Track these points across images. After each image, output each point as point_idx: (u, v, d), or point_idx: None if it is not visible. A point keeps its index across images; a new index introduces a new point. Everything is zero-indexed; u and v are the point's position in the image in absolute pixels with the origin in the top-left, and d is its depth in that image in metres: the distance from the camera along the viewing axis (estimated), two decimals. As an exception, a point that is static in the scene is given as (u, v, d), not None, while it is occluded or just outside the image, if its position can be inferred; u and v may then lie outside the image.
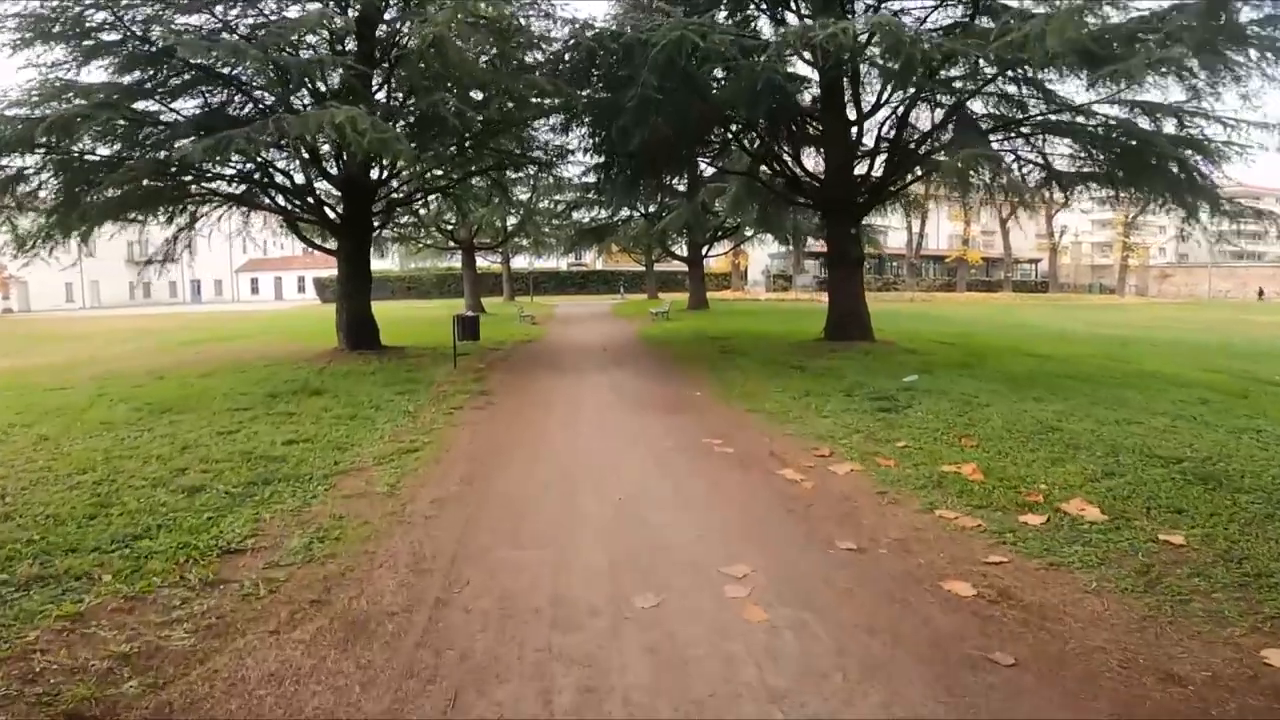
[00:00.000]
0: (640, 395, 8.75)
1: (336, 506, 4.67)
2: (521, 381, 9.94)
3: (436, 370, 10.78)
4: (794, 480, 5.18)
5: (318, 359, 12.28)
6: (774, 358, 11.73)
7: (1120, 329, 23.53)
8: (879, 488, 4.98)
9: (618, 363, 12.08)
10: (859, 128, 13.85)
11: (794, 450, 5.98)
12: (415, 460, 5.73)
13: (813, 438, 6.36)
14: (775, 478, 5.26)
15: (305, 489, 5.02)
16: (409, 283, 53.86)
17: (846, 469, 5.39)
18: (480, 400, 8.45)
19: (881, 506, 4.63)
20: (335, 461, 5.69)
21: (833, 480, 5.18)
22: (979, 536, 4.09)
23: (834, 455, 5.79)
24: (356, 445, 6.23)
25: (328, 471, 5.42)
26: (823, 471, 5.38)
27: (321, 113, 8.54)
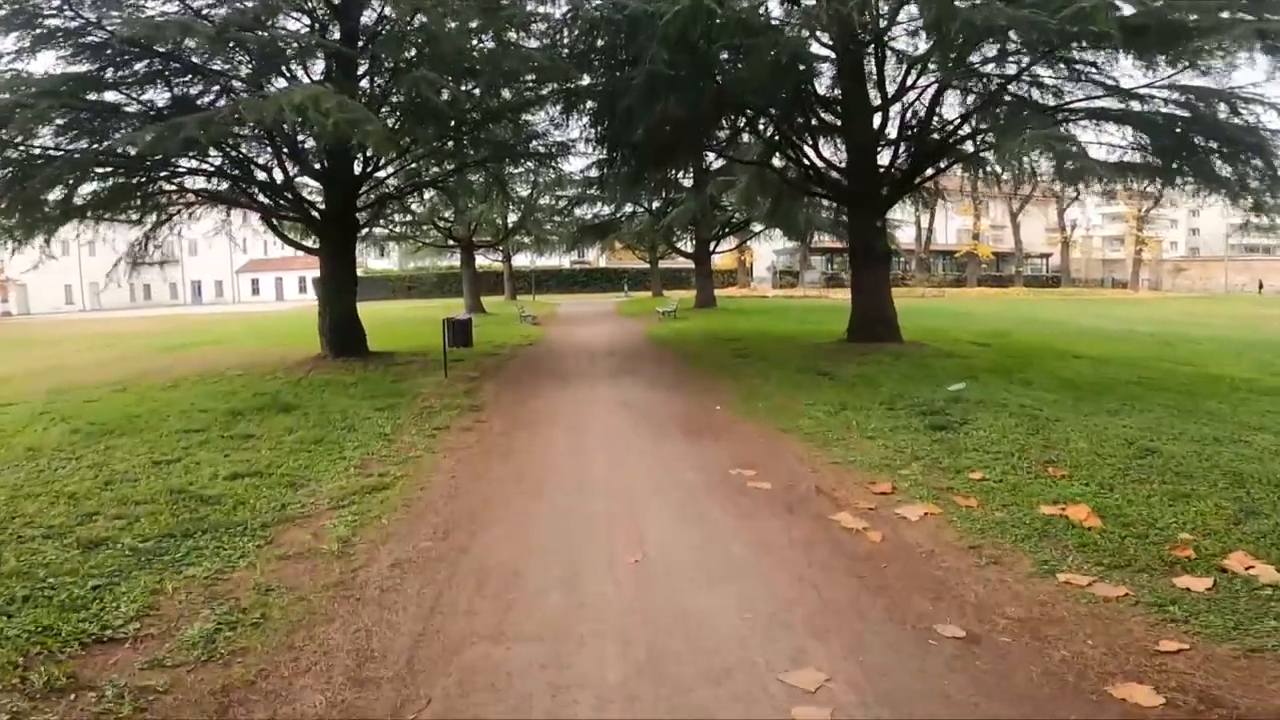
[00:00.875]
0: (653, 411, 7.66)
1: (266, 572, 3.61)
2: (518, 395, 8.86)
3: (425, 380, 9.72)
4: (855, 529, 4.10)
5: (297, 367, 11.23)
6: (797, 363, 10.64)
7: (1151, 325, 22.38)
8: (968, 539, 3.90)
9: (625, 369, 10.99)
10: (884, 114, 12.75)
11: (845, 485, 4.89)
12: (381, 502, 4.66)
13: (864, 467, 5.27)
14: (830, 526, 4.18)
15: (233, 545, 3.96)
16: (409, 282, 52.93)
17: (919, 512, 4.31)
18: (470, 419, 7.38)
19: (981, 568, 3.55)
20: (282, 504, 4.63)
21: (905, 529, 4.10)
22: (1133, 612, 3.04)
23: (897, 492, 4.71)
24: (314, 480, 5.17)
25: (269, 519, 4.36)
26: (889, 516, 4.30)
27: (280, 94, 7.48)
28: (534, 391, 9.05)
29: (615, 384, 9.51)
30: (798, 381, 9.05)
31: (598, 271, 55.39)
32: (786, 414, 7.20)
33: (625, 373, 10.58)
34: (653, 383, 9.50)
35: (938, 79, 12.14)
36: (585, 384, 9.59)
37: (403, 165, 14.61)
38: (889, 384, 8.58)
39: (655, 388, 9.11)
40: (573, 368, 11.25)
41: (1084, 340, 15.80)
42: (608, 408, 7.90)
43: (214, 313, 41.94)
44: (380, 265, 57.01)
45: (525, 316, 21.61)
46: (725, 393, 8.65)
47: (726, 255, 47.86)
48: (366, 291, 50.80)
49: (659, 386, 9.19)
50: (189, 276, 69.71)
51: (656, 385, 9.29)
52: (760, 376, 9.57)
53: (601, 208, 29.76)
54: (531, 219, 30.56)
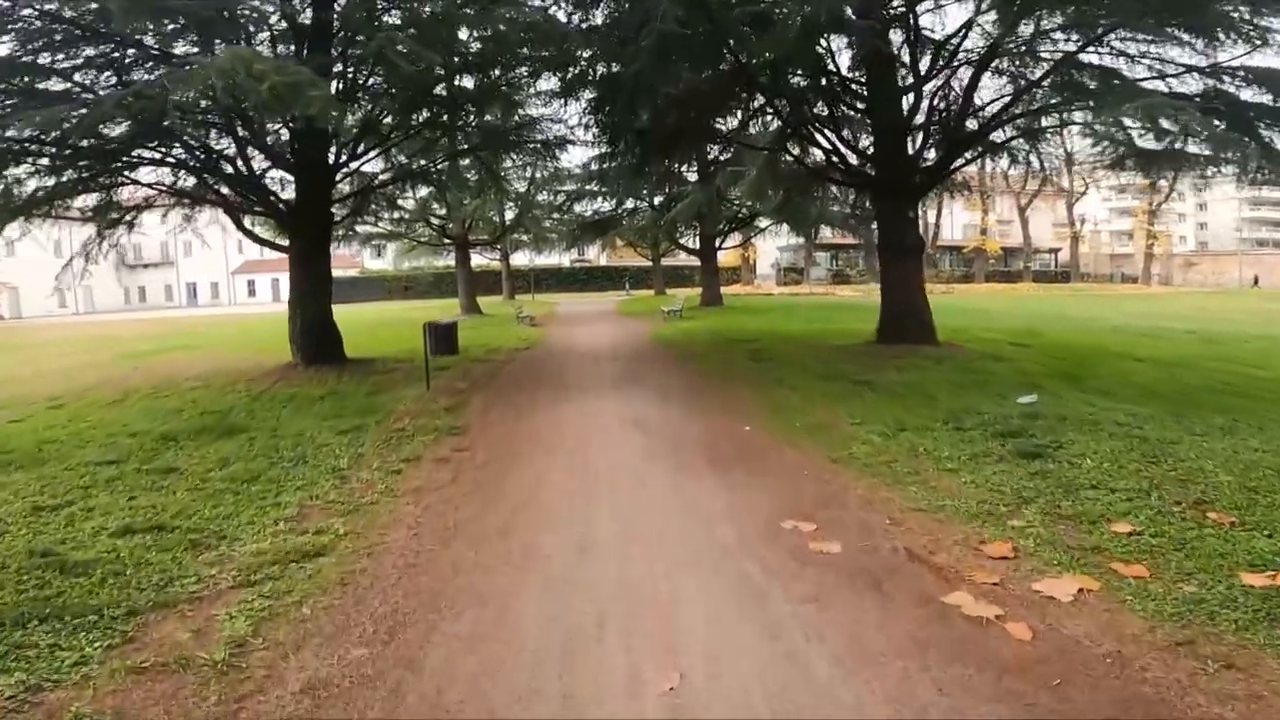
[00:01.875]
0: (670, 433, 6.38)
1: (100, 697, 2.37)
2: (509, 412, 7.58)
3: (403, 394, 8.45)
4: (986, 620, 2.84)
5: (264, 377, 9.97)
6: (826, 369, 9.38)
7: (1181, 321, 21.12)
8: (1165, 630, 2.65)
9: (634, 377, 9.72)
10: (916, 95, 11.48)
11: (944, 544, 3.62)
12: (310, 577, 3.40)
13: (960, 516, 3.99)
14: (947, 614, 2.91)
15: (75, 642, 2.72)
16: (406, 282, 51.64)
17: (1069, 588, 3.05)
18: (448, 445, 6.10)
19: (1212, 678, 2.30)
20: (171, 577, 3.38)
21: (1060, 616, 2.84)
22: None
23: (1021, 555, 3.44)
24: (229, 537, 3.91)
25: (144, 600, 3.11)
26: (1026, 595, 3.03)
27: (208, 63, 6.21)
28: (528, 407, 7.77)
29: (622, 396, 8.23)
30: (834, 392, 7.78)
31: (598, 270, 54.06)
32: (832, 436, 5.93)
33: (632, 381, 9.31)
34: (665, 394, 8.23)
35: (978, 54, 10.88)
36: (588, 396, 8.31)
37: (386, 155, 13.35)
38: (944, 395, 7.31)
39: (668, 401, 7.83)
40: (573, 376, 9.98)
41: (1123, 339, 14.55)
42: (615, 428, 6.62)
43: (206, 315, 40.64)
44: (377, 265, 55.79)
45: (523, 317, 20.32)
46: (751, 406, 7.38)
47: (730, 252, 46.57)
48: (363, 292, 49.96)
49: (673, 399, 7.92)
50: (184, 278, 68.73)
51: (670, 398, 8.02)
52: (787, 386, 8.30)
53: (602, 203, 28.50)
54: (530, 216, 29.29)
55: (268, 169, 11.45)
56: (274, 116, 7.84)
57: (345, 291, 50.08)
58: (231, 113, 9.09)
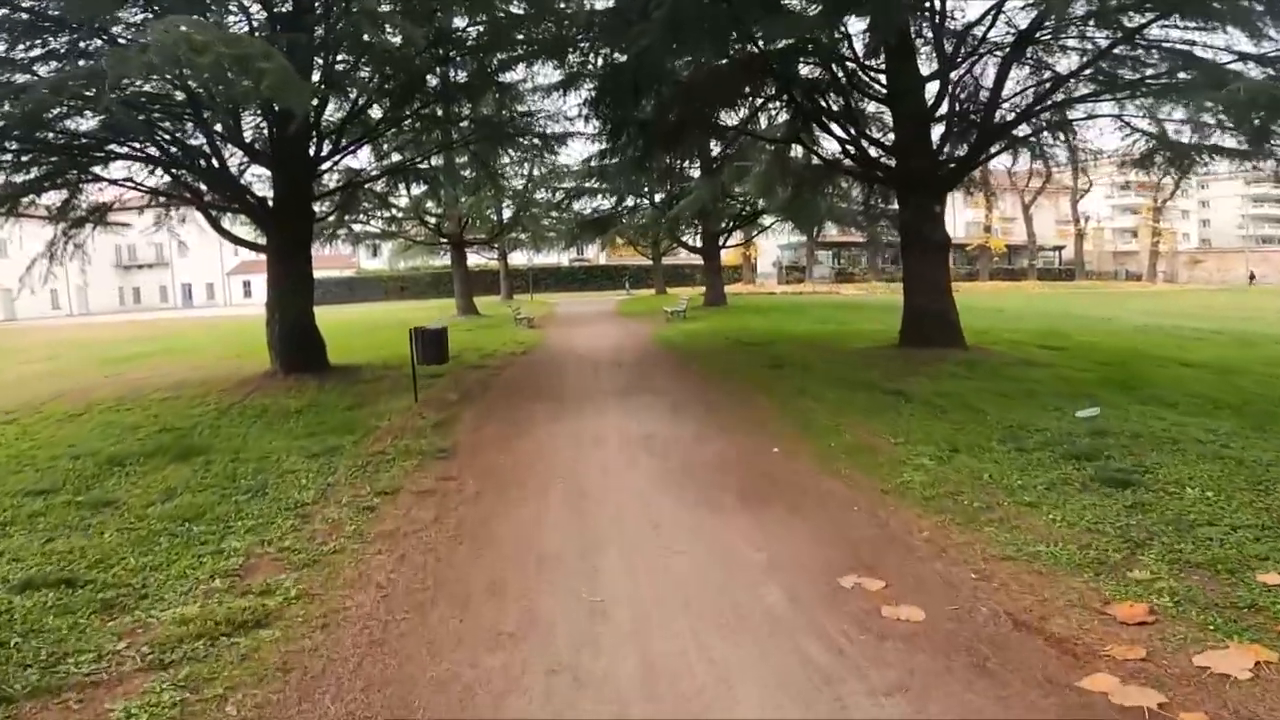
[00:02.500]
0: (687, 456, 5.61)
1: None
2: (503, 429, 6.78)
3: (388, 407, 7.68)
4: (1147, 713, 2.08)
5: (238, 387, 9.20)
6: (850, 376, 8.62)
7: (1201, 320, 20.36)
8: None
9: (639, 385, 8.94)
10: (942, 83, 10.71)
11: (1056, 606, 2.84)
12: (242, 659, 2.63)
13: (1064, 566, 3.21)
14: (1091, 706, 2.15)
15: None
16: (402, 283, 50.78)
17: (1242, 661, 2.29)
18: (433, 473, 5.33)
19: None
20: (65, 651, 2.62)
21: (1247, 701, 2.09)
22: None
23: (1163, 618, 2.67)
24: (151, 597, 3.14)
25: (20, 687, 2.36)
26: (1188, 672, 2.27)
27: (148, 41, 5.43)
28: (525, 423, 6.99)
29: (628, 409, 7.45)
30: (865, 404, 7.02)
31: (597, 269, 53.29)
32: (877, 460, 5.16)
33: (639, 390, 8.53)
34: (676, 406, 7.45)
35: (1008, 42, 10.14)
36: (590, 409, 7.53)
37: (376, 149, 12.58)
38: (990, 408, 6.55)
39: (681, 415, 7.06)
40: (574, 385, 9.20)
41: (1156, 341, 13.80)
42: (622, 449, 5.85)
43: (199, 317, 39.79)
44: (374, 265, 54.99)
45: (520, 319, 19.53)
46: (775, 422, 6.62)
47: (731, 251, 45.76)
48: (359, 293, 49.16)
49: (685, 413, 7.14)
50: (179, 279, 68.05)
51: (682, 411, 7.24)
52: (811, 397, 7.53)
53: (601, 201, 27.74)
54: (528, 215, 28.51)
55: (246, 165, 10.69)
56: (230, 98, 7.03)
57: (341, 292, 49.62)
58: (193, 99, 8.33)
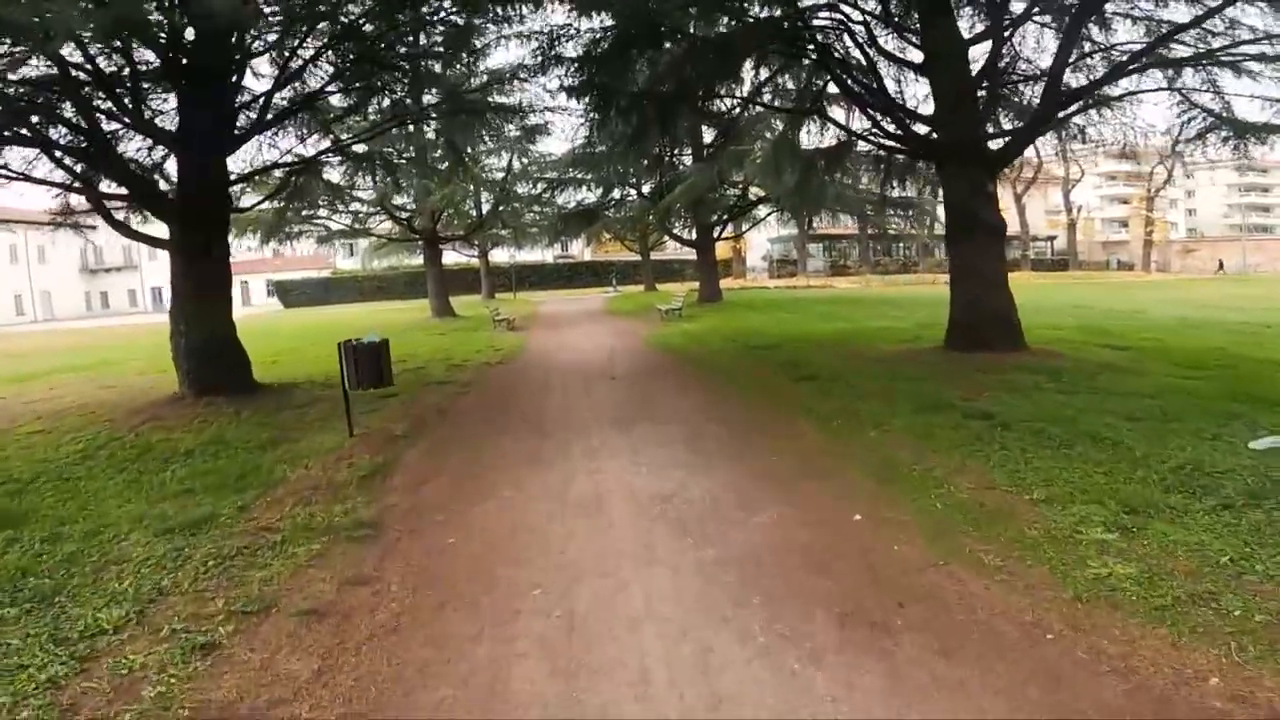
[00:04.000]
0: (736, 538, 3.73)
1: None
2: (459, 485, 4.87)
3: (312, 445, 5.78)
4: None
5: (131, 416, 7.25)
6: (910, 391, 6.82)
7: (1237, 312, 18.81)
8: None
9: (642, 409, 7.08)
10: (996, 41, 8.99)
11: None
12: None
13: None
14: None
15: None
16: (380, 283, 48.51)
17: None
18: (339, 569, 3.43)
19: None
20: None
21: None
22: None
23: None
24: None
25: None
26: None
27: None
28: (488, 473, 5.10)
29: (632, 446, 5.59)
30: (948, 433, 5.22)
31: (583, 265, 51.27)
32: (1022, 531, 3.36)
33: (642, 415, 6.66)
34: (695, 441, 5.61)
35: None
36: (579, 447, 5.66)
37: (316, 124, 10.57)
38: (1129, 438, 4.77)
39: (705, 455, 5.21)
40: (558, 408, 7.31)
41: (1222, 336, 12.14)
42: (632, 524, 3.98)
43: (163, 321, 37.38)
44: (350, 265, 52.71)
45: (499, 320, 17.54)
46: (837, 464, 4.79)
47: (720, 245, 44.03)
48: (335, 294, 46.95)
49: (710, 452, 5.29)
50: (149, 282, 65.60)
51: (704, 448, 5.40)
52: (871, 422, 5.72)
53: (586, 193, 25.80)
54: (508, 209, 26.53)
55: (151, 146, 8.71)
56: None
57: (316, 294, 47.41)
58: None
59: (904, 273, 49.70)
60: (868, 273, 49.39)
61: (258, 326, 24.80)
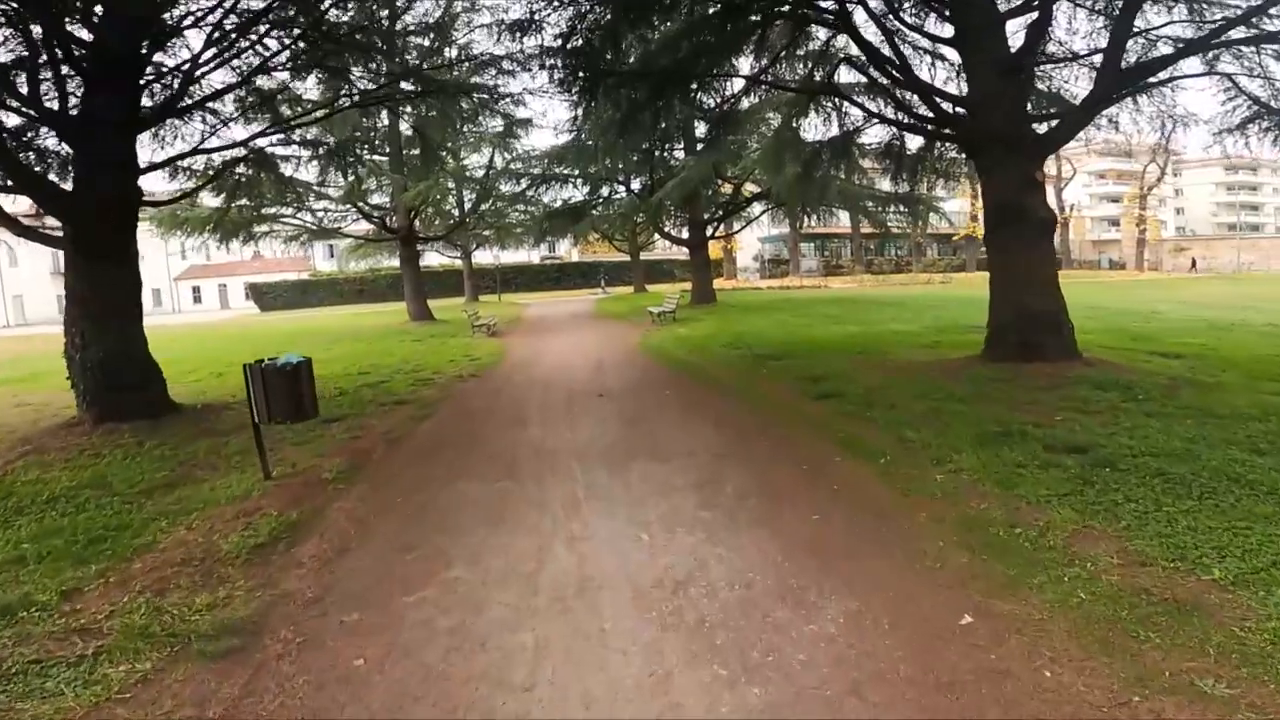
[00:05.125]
0: (793, 667, 2.49)
1: None
2: (388, 563, 3.53)
3: (214, 492, 4.47)
4: None
5: (22, 443, 5.91)
6: (965, 414, 5.59)
7: (1256, 313, 17.83)
8: None
9: (639, 438, 5.80)
10: (1044, 10, 7.81)
11: None
12: None
13: None
14: None
15: None
16: (361, 285, 46.90)
17: None
18: (164, 714, 2.19)
19: None
20: None
21: None
22: None
23: None
24: None
25: None
26: None
27: None
28: (437, 536, 3.80)
29: (629, 497, 4.31)
30: (1038, 475, 3.99)
31: (571, 266, 49.94)
32: (1231, 630, 2.14)
33: (639, 451, 5.38)
34: (707, 489, 4.35)
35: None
36: (559, 499, 4.36)
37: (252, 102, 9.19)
38: (1265, 477, 3.59)
39: (725, 512, 3.95)
40: (534, 439, 6.00)
41: (1246, 337, 11.09)
42: (633, 626, 2.71)
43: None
44: (330, 267, 51.12)
45: (479, 325, 16.19)
46: (908, 525, 3.55)
47: (712, 244, 42.88)
48: (314, 296, 45.32)
49: (730, 507, 4.03)
50: (129, 283, 63.55)
51: (720, 500, 4.14)
52: (930, 459, 4.49)
53: (572, 191, 24.49)
54: (491, 208, 25.21)
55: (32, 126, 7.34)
56: None
57: (293, 296, 45.70)
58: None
59: (898, 272, 48.82)
60: (861, 272, 48.46)
61: (220, 332, 23.35)
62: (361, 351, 12.97)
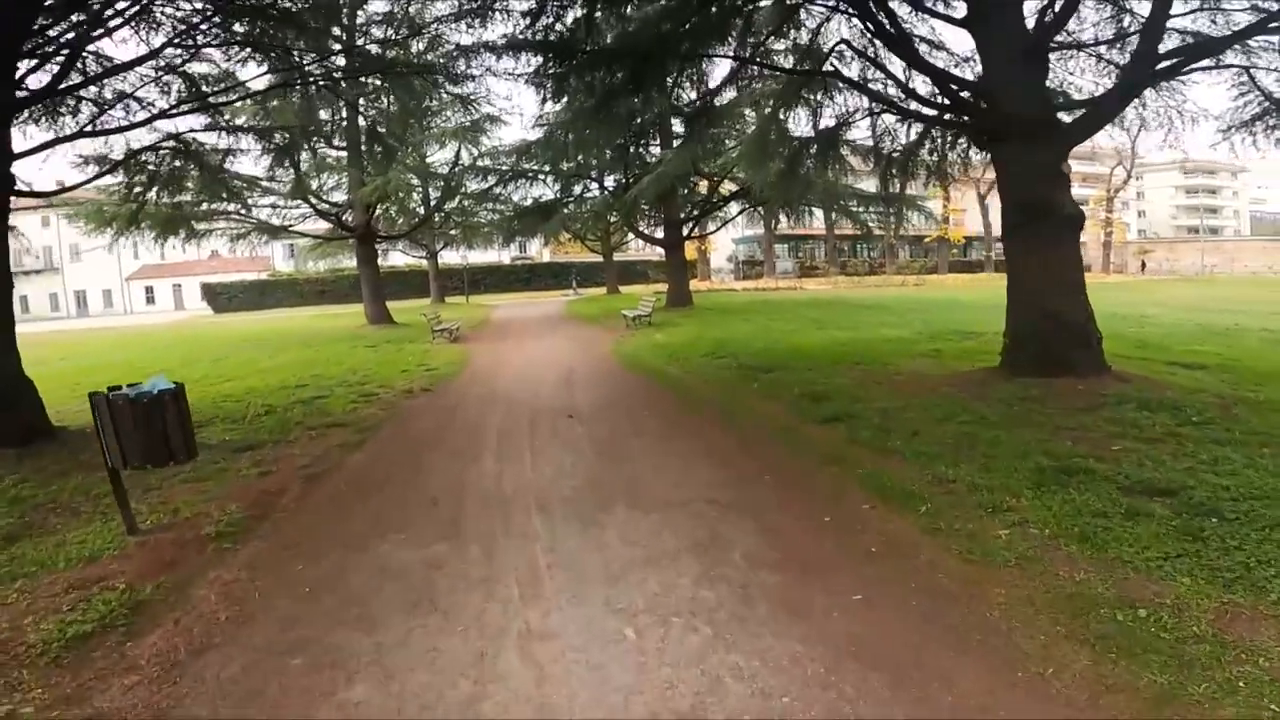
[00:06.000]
0: None
1: None
2: (269, 659, 2.51)
3: (59, 547, 3.37)
4: None
5: None
6: (980, 435, 4.71)
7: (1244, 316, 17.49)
8: None
9: (614, 479, 4.78)
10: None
11: None
12: None
13: None
14: None
15: None
16: (322, 286, 45.07)
17: None
18: None
19: None
20: None
21: None
22: None
23: None
24: None
25: None
26: None
27: None
28: (339, 630, 2.72)
29: (605, 568, 3.29)
30: (1128, 530, 3.08)
31: (542, 267, 48.70)
32: None
33: (617, 496, 4.35)
34: (707, 555, 3.35)
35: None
36: (514, 572, 3.33)
37: (169, 83, 7.96)
38: None
39: (733, 595, 2.97)
40: (489, 480, 4.92)
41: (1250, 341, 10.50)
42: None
43: (86, 327, 33.54)
44: (290, 267, 49.13)
45: (440, 330, 14.99)
46: (976, 611, 2.62)
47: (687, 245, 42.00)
48: (273, 297, 43.39)
49: (741, 583, 3.04)
50: (72, 286, 61.22)
51: (728, 573, 3.14)
52: (982, 505, 3.57)
53: (542, 188, 23.34)
54: (458, 207, 24.00)
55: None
56: None
57: (250, 298, 43.67)
58: None
59: (872, 274, 48.50)
60: (836, 274, 48.03)
61: (158, 337, 21.79)
62: (307, 360, 11.76)
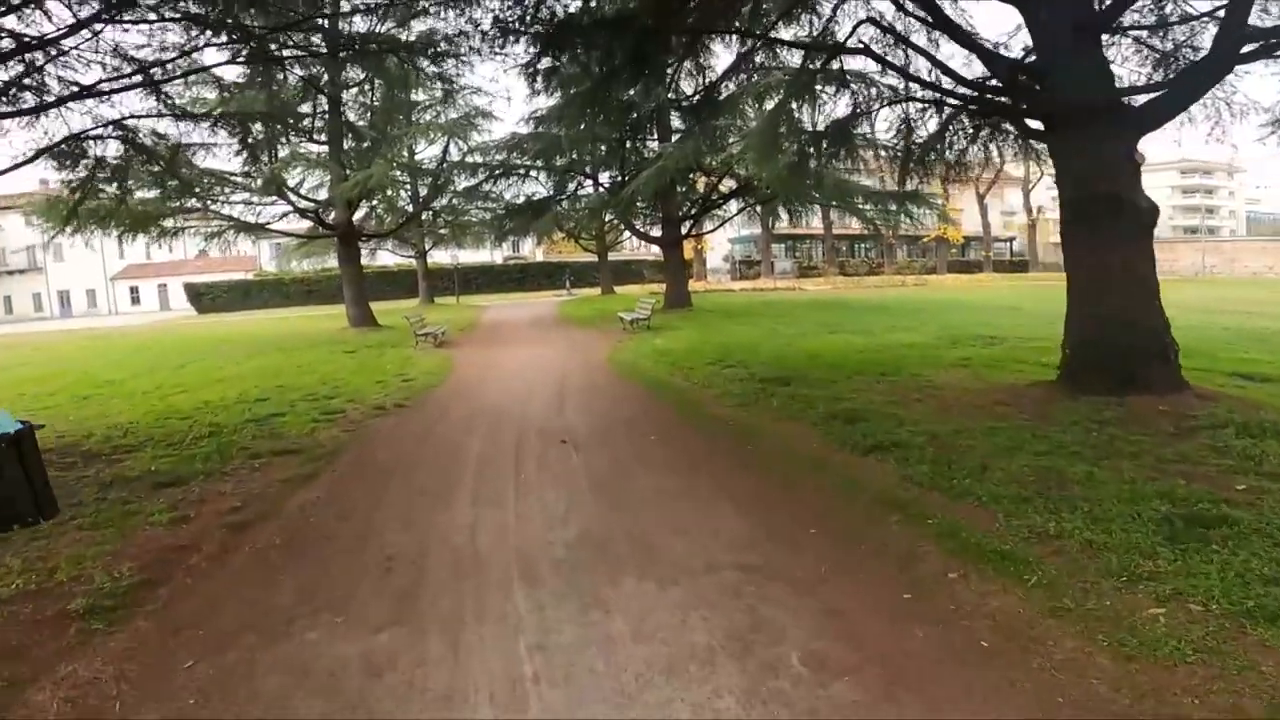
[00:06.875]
0: None
1: None
2: None
3: None
4: None
5: None
6: (1066, 471, 3.80)
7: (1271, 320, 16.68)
8: None
9: (617, 533, 3.83)
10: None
11: None
12: None
13: None
14: None
15: None
16: (309, 286, 43.86)
17: None
18: None
19: None
20: None
21: None
22: None
23: None
24: None
25: None
26: None
27: None
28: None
29: (619, 676, 2.36)
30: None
31: (534, 266, 47.64)
32: None
33: (626, 558, 3.39)
34: (747, 651, 2.42)
35: None
36: (485, 686, 2.41)
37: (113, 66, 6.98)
38: None
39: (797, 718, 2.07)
40: (462, 532, 3.93)
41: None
42: None
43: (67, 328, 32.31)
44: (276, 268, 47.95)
45: (423, 334, 13.97)
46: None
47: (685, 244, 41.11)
48: (258, 298, 42.18)
49: (809, 705, 2.14)
50: (55, 286, 60.18)
51: (787, 683, 2.22)
52: (1109, 570, 2.66)
53: (535, 185, 22.35)
54: (447, 204, 23.02)
55: None
56: None
57: (234, 299, 42.44)
58: None
59: (871, 274, 47.71)
60: (834, 274, 47.21)
61: (132, 339, 20.70)
62: (277, 367, 10.76)
